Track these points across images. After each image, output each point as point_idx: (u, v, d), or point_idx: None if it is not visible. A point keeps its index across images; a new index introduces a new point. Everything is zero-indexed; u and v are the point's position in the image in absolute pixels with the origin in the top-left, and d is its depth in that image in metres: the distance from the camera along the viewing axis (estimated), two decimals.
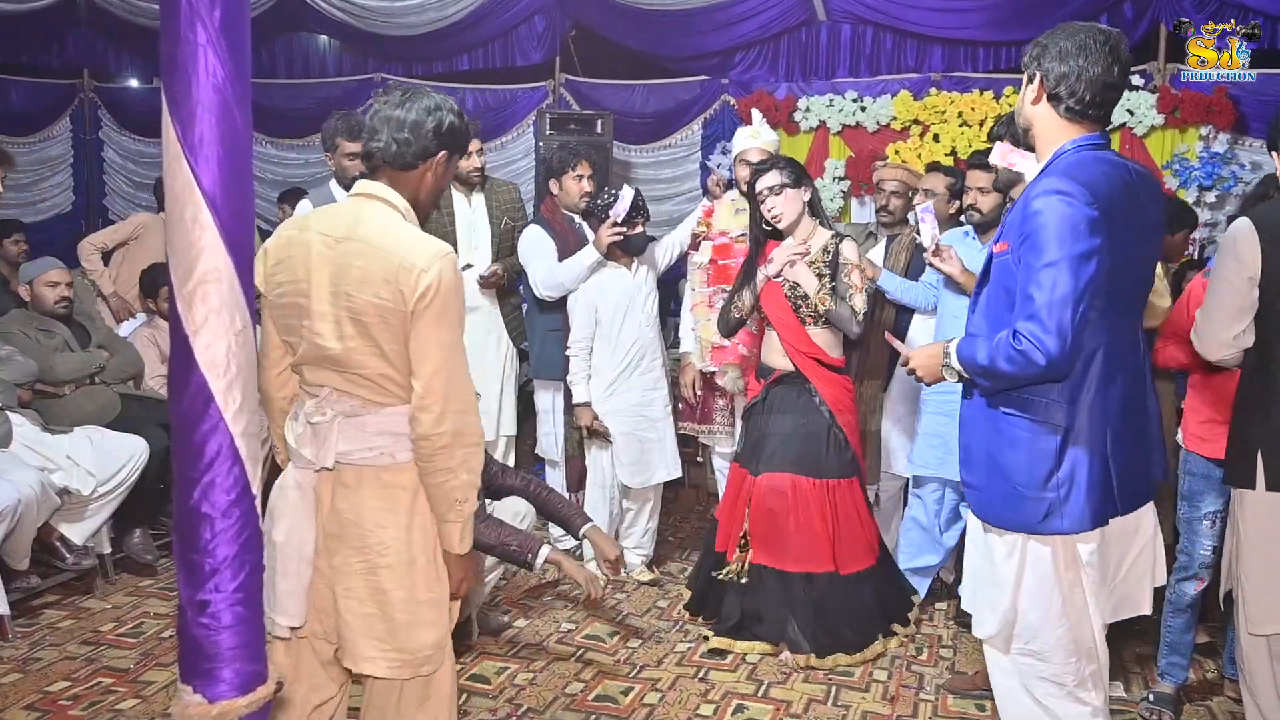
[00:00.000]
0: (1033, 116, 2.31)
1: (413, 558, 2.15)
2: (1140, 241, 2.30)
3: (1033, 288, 2.15)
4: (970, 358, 2.29)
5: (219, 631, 1.54)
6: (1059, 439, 2.24)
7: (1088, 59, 2.20)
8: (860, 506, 3.71)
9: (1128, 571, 2.42)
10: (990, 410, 2.33)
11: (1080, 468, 2.23)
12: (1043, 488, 2.24)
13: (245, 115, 1.51)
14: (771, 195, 3.64)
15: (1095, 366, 2.23)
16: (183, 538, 1.54)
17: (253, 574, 1.57)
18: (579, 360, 4.24)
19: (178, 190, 1.47)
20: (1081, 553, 2.30)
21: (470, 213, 4.54)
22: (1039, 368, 2.15)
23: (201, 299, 1.49)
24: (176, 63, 1.45)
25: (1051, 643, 2.35)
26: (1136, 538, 2.40)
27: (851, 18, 6.55)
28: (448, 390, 2.06)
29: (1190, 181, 5.77)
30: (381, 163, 2.15)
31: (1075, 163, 2.22)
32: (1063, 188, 2.14)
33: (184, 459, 1.53)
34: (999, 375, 2.23)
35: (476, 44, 7.44)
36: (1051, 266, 2.12)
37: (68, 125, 8.38)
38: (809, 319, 3.63)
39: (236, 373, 1.51)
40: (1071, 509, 2.24)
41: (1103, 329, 2.23)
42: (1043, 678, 2.40)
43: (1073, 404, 2.23)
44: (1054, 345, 2.12)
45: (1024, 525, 2.29)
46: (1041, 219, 2.15)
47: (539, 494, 3.67)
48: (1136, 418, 2.34)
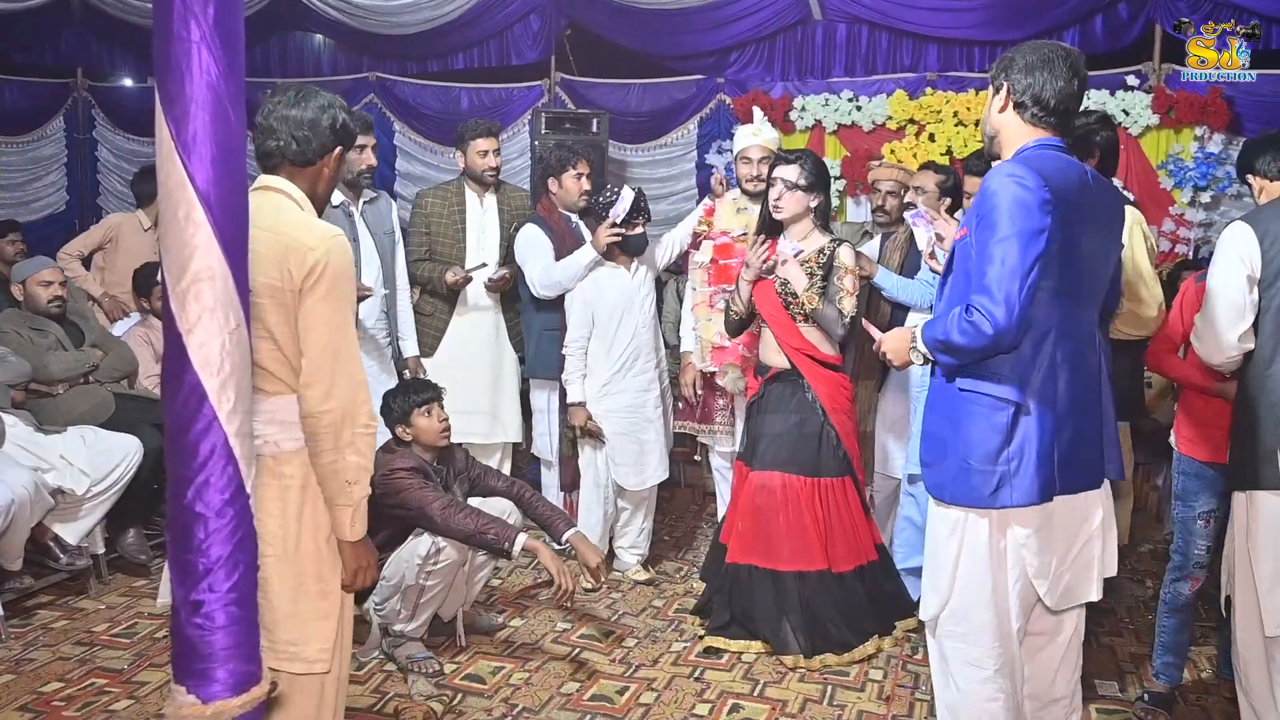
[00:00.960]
0: (999, 123, 2.47)
1: (299, 548, 2.16)
2: (1092, 237, 2.40)
3: (985, 262, 2.28)
4: (931, 336, 2.42)
5: (213, 632, 1.54)
6: (1010, 413, 2.35)
7: (1051, 72, 2.37)
8: (855, 505, 3.70)
9: (1076, 557, 2.49)
10: (949, 387, 2.44)
11: (1030, 443, 2.34)
12: (994, 461, 2.36)
13: (239, 113, 1.50)
14: (783, 186, 3.66)
15: (1047, 347, 2.35)
16: (176, 537, 1.53)
17: (247, 574, 1.56)
18: (575, 360, 4.23)
19: (171, 188, 1.47)
20: (1018, 534, 2.40)
21: (482, 213, 4.53)
22: (988, 337, 2.26)
23: (195, 297, 1.48)
24: (170, 60, 1.45)
25: (979, 626, 2.46)
26: (1085, 525, 2.48)
27: (847, 17, 6.56)
28: (334, 367, 2.09)
29: (1185, 182, 5.79)
30: (282, 160, 2.22)
31: (1034, 156, 2.37)
32: (1017, 172, 2.28)
33: (177, 458, 1.52)
34: (954, 348, 2.34)
35: (472, 43, 7.43)
36: (1003, 242, 2.25)
37: (61, 124, 8.36)
38: (799, 316, 3.64)
39: (230, 371, 1.51)
40: (1020, 482, 2.34)
41: (1054, 312, 2.34)
42: (966, 661, 2.49)
43: (1024, 381, 2.35)
44: (1002, 315, 2.23)
45: (974, 499, 2.39)
46: (995, 199, 2.28)
47: (523, 496, 3.68)
48: (1085, 407, 2.43)
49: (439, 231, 4.45)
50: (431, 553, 3.38)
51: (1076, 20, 6.14)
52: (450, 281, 4.35)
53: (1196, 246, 5.94)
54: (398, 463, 3.44)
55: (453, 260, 4.43)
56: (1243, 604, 2.81)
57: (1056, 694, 2.61)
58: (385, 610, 3.50)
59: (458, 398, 3.74)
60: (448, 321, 4.52)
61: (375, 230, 4.18)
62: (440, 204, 4.49)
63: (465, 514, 3.35)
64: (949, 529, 2.46)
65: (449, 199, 4.51)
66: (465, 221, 4.48)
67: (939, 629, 2.54)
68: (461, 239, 4.47)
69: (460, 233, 4.46)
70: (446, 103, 7.48)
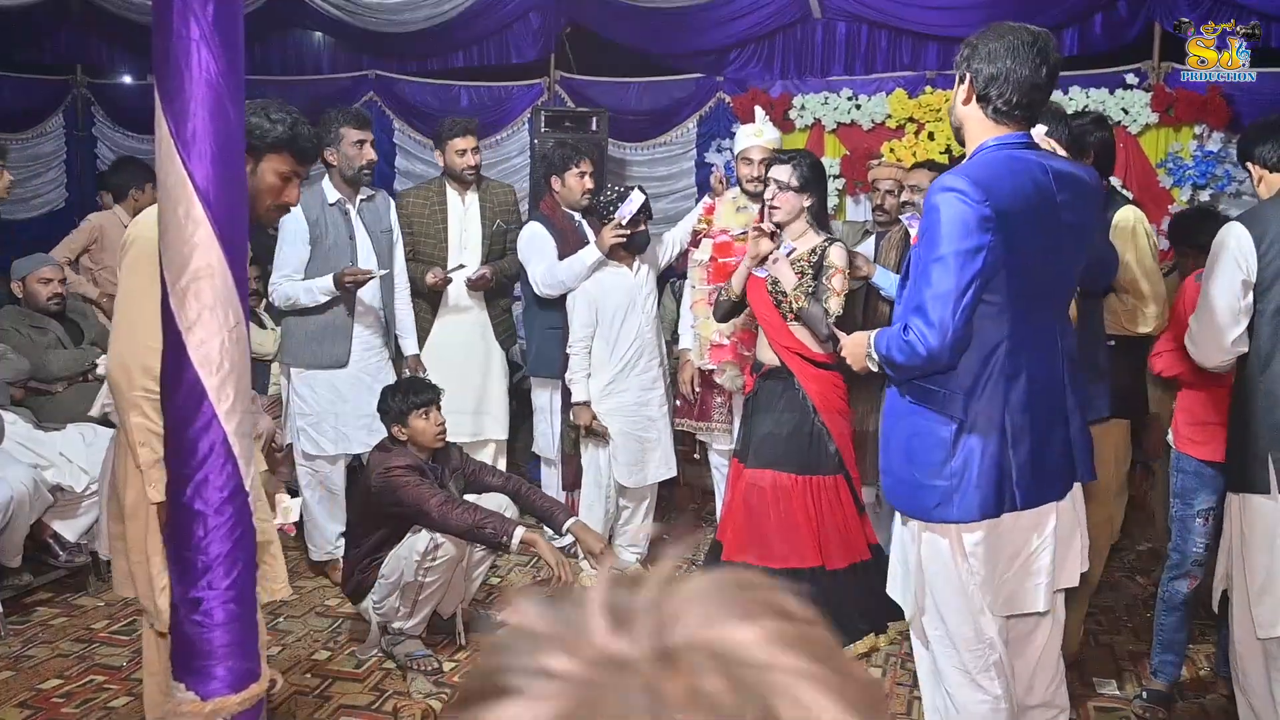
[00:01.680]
0: (963, 116, 2.38)
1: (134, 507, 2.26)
2: (1051, 240, 2.32)
3: (921, 281, 2.25)
4: (878, 347, 2.40)
5: (212, 629, 1.54)
6: (954, 429, 2.30)
7: (1015, 60, 2.25)
8: (847, 504, 3.69)
9: (1021, 567, 2.43)
10: (900, 399, 2.42)
11: (973, 459, 2.29)
12: (937, 476, 2.32)
13: (239, 110, 1.50)
14: (776, 187, 3.66)
15: (996, 362, 2.29)
16: (175, 535, 1.54)
17: (245, 571, 1.56)
18: (579, 359, 4.22)
19: (170, 185, 1.47)
20: (966, 543, 2.36)
21: (463, 211, 4.52)
22: (921, 358, 2.24)
23: (195, 295, 1.48)
24: (169, 58, 1.45)
25: (954, 628, 2.43)
26: (1034, 535, 2.42)
27: (846, 15, 6.55)
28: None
29: (1184, 180, 5.78)
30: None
31: (982, 162, 2.29)
32: (958, 185, 2.20)
33: (176, 456, 1.52)
34: (894, 365, 2.33)
35: (471, 41, 7.42)
36: (939, 262, 2.21)
37: (60, 122, 8.35)
38: (789, 315, 3.63)
39: (230, 369, 1.51)
40: (962, 498, 2.30)
41: (1004, 325, 2.28)
42: (951, 665, 2.46)
43: (969, 396, 2.29)
44: (934, 338, 2.21)
45: (920, 512, 2.38)
46: (936, 215, 2.22)
47: (520, 491, 3.68)
48: (1046, 417, 2.37)
49: (421, 231, 4.44)
50: (430, 548, 3.38)
51: (1076, 19, 6.13)
52: (429, 283, 4.34)
53: None
54: (393, 461, 3.44)
55: (436, 260, 4.41)
56: (1239, 603, 2.80)
57: (1035, 699, 2.59)
58: (384, 608, 3.50)
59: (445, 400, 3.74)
60: (431, 322, 4.52)
61: (373, 228, 4.18)
62: (422, 204, 4.48)
63: (463, 509, 3.35)
64: (910, 535, 2.45)
65: (430, 198, 4.50)
66: (447, 221, 4.47)
67: (921, 631, 2.52)
68: (444, 238, 4.45)
69: (442, 232, 4.44)
70: (446, 101, 7.46)
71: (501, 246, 4.58)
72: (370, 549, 3.53)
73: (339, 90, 7.77)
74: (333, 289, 3.94)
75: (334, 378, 4.11)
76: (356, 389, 4.08)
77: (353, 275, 3.92)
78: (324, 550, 4.25)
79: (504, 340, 4.65)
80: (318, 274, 3.98)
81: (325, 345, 4.08)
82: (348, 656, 3.57)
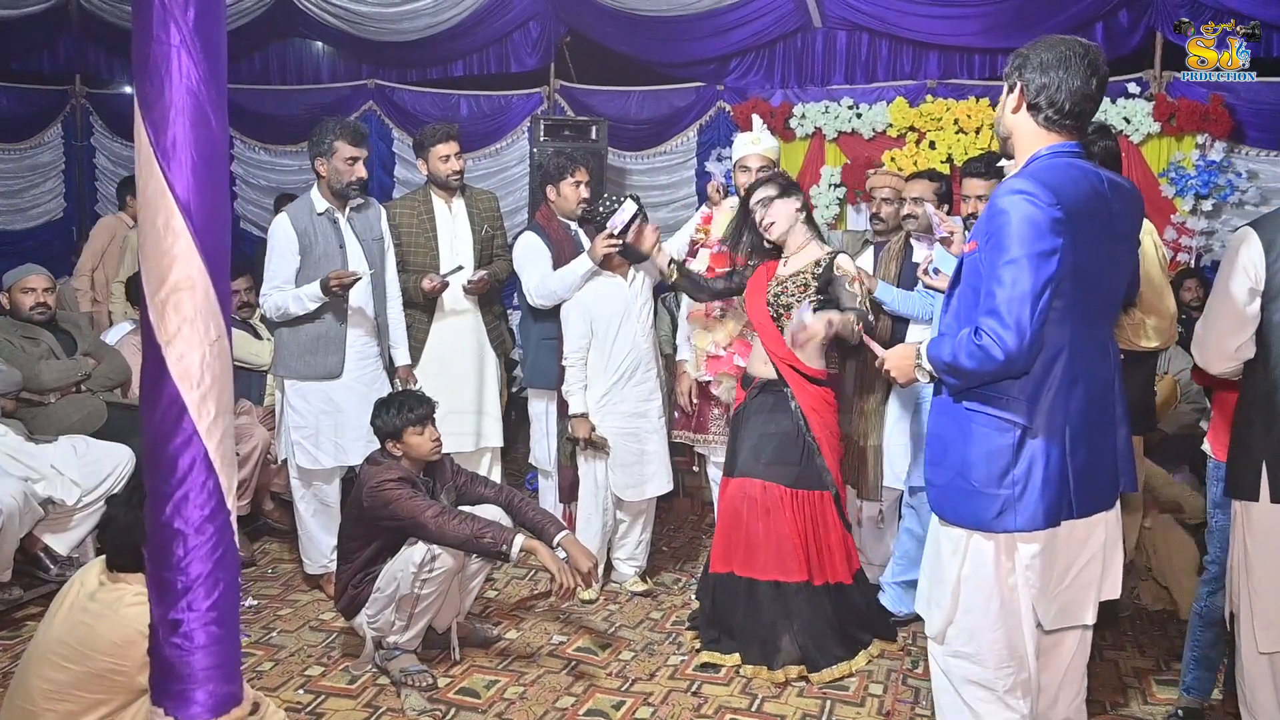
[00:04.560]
0: (1013, 125, 2.39)
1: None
2: (1107, 249, 2.33)
3: (994, 284, 2.22)
4: (937, 355, 2.35)
5: (192, 652, 1.49)
6: (1017, 436, 2.29)
7: (1067, 71, 2.27)
8: (835, 522, 3.62)
9: (1073, 579, 2.43)
10: (954, 406, 2.37)
11: (1037, 466, 2.28)
12: (998, 484, 2.30)
13: (221, 119, 1.46)
14: (762, 208, 3.65)
15: (1058, 368, 2.28)
16: (154, 554, 1.49)
17: (227, 592, 1.52)
18: (575, 371, 4.16)
19: (150, 195, 1.43)
20: (1023, 554, 2.34)
21: (451, 219, 4.47)
22: (998, 362, 2.20)
23: (174, 308, 1.44)
24: (148, 64, 1.41)
25: (986, 645, 2.39)
26: (1087, 546, 2.42)
27: (847, 24, 6.53)
28: None
29: (1186, 190, 5.75)
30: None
31: (1045, 167, 2.29)
32: (1027, 188, 2.20)
33: (156, 473, 1.48)
34: (962, 371, 2.28)
35: (471, 50, 7.42)
36: (1012, 264, 2.18)
37: (59, 131, 8.36)
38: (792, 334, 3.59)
39: (211, 384, 1.47)
40: (1025, 506, 2.28)
41: (1065, 331, 2.28)
42: (973, 681, 2.43)
43: (1033, 402, 2.28)
44: (1012, 340, 2.18)
45: (976, 522, 2.34)
46: (1005, 218, 2.21)
47: (513, 502, 3.63)
48: (1100, 426, 2.37)
49: (410, 242, 4.38)
50: (427, 560, 3.34)
51: (1077, 27, 6.10)
52: (427, 289, 4.29)
53: (1198, 255, 5.90)
54: (384, 474, 3.40)
55: (426, 269, 4.35)
56: (1245, 617, 2.76)
57: (1059, 714, 2.56)
58: (379, 622, 3.45)
59: (442, 409, 3.70)
60: (428, 330, 4.46)
61: (364, 237, 4.13)
62: (408, 214, 4.42)
63: (460, 519, 3.31)
64: (952, 547, 2.41)
65: (416, 208, 4.44)
66: (435, 229, 4.41)
67: (945, 647, 2.48)
68: (434, 247, 4.40)
69: (431, 240, 4.39)
70: (446, 110, 7.46)
71: (490, 252, 4.53)
72: (364, 563, 3.49)
73: (338, 99, 7.77)
74: (320, 294, 3.89)
75: (328, 389, 4.06)
76: (352, 400, 4.02)
77: (339, 278, 3.87)
78: (319, 563, 4.20)
79: (498, 347, 4.60)
80: (308, 283, 3.94)
81: (319, 356, 4.04)
82: (341, 672, 3.52)
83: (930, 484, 2.46)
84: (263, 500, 4.78)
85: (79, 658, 2.33)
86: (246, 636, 3.77)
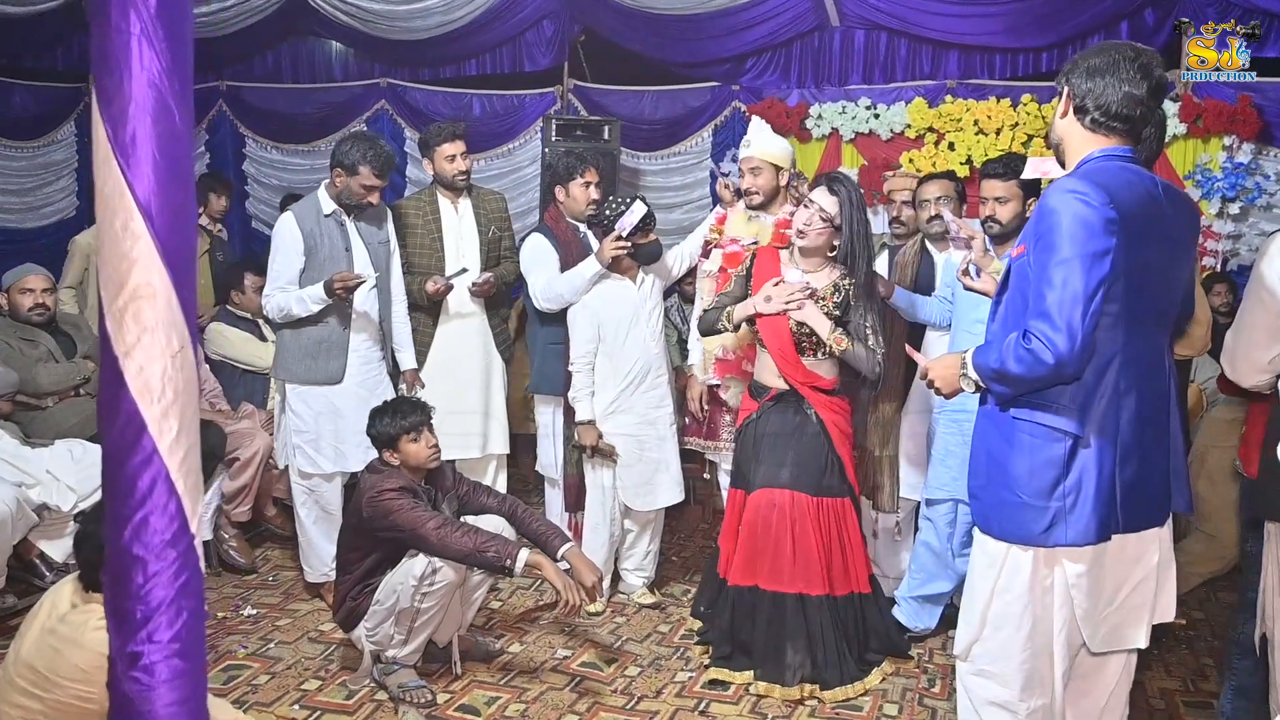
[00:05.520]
0: (1062, 131, 2.32)
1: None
2: (1162, 253, 2.24)
3: (1044, 285, 2.13)
4: (984, 363, 2.26)
5: (154, 687, 1.38)
6: (1069, 445, 2.19)
7: (1115, 75, 2.21)
8: (854, 531, 3.53)
9: (1124, 601, 2.33)
10: (1001, 416, 2.30)
11: (1088, 478, 2.19)
12: (1048, 496, 2.21)
13: (185, 113, 1.36)
14: (819, 218, 3.43)
15: (1110, 376, 2.19)
16: (113, 582, 1.38)
17: (191, 621, 1.41)
18: (582, 376, 4.04)
19: (108, 195, 1.32)
20: (1069, 572, 2.25)
21: (457, 220, 4.37)
22: (1048, 366, 2.11)
23: (134, 317, 1.33)
24: (107, 55, 1.30)
25: (1014, 667, 2.31)
26: (1138, 566, 2.32)
27: (865, 23, 6.40)
28: None
29: (1213, 192, 5.60)
30: None
31: (1096, 169, 2.22)
32: (1079, 188, 2.13)
33: (114, 494, 1.37)
34: (1010, 378, 2.19)
35: (484, 49, 7.31)
36: (1064, 264, 2.11)
37: (72, 129, 8.29)
38: (809, 350, 3.47)
39: (173, 398, 1.36)
40: (1076, 519, 2.19)
41: (1119, 337, 2.19)
42: (995, 703, 2.35)
43: (1084, 411, 2.19)
44: (1063, 343, 2.09)
45: (1024, 536, 2.24)
46: (1056, 218, 2.14)
47: (516, 512, 3.53)
48: (1153, 439, 2.27)
49: (415, 243, 4.29)
50: (428, 573, 3.24)
51: (1101, 26, 5.96)
52: (431, 291, 4.20)
53: (1225, 259, 5.75)
54: (385, 484, 3.30)
55: (432, 271, 4.26)
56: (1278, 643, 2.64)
57: None
58: (378, 635, 3.36)
59: (449, 416, 3.60)
60: (433, 334, 4.36)
61: (370, 240, 4.04)
62: (415, 214, 4.33)
63: (462, 532, 3.21)
64: (988, 561, 2.32)
65: (422, 208, 4.34)
66: (441, 230, 4.32)
67: (970, 664, 2.40)
68: (439, 248, 4.31)
69: (438, 242, 4.30)
70: (458, 109, 7.36)
71: (498, 254, 4.43)
72: (363, 575, 3.39)
73: (351, 98, 7.70)
74: (324, 297, 3.80)
75: (330, 394, 3.97)
76: (354, 405, 3.92)
77: (343, 280, 3.78)
78: (320, 571, 4.11)
79: (504, 351, 4.50)
80: (312, 285, 3.85)
81: (320, 360, 3.95)
82: (338, 687, 3.42)
83: (974, 497, 2.37)
84: (265, 506, 4.70)
85: (47, 685, 2.23)
86: (244, 648, 3.69)
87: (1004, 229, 3.52)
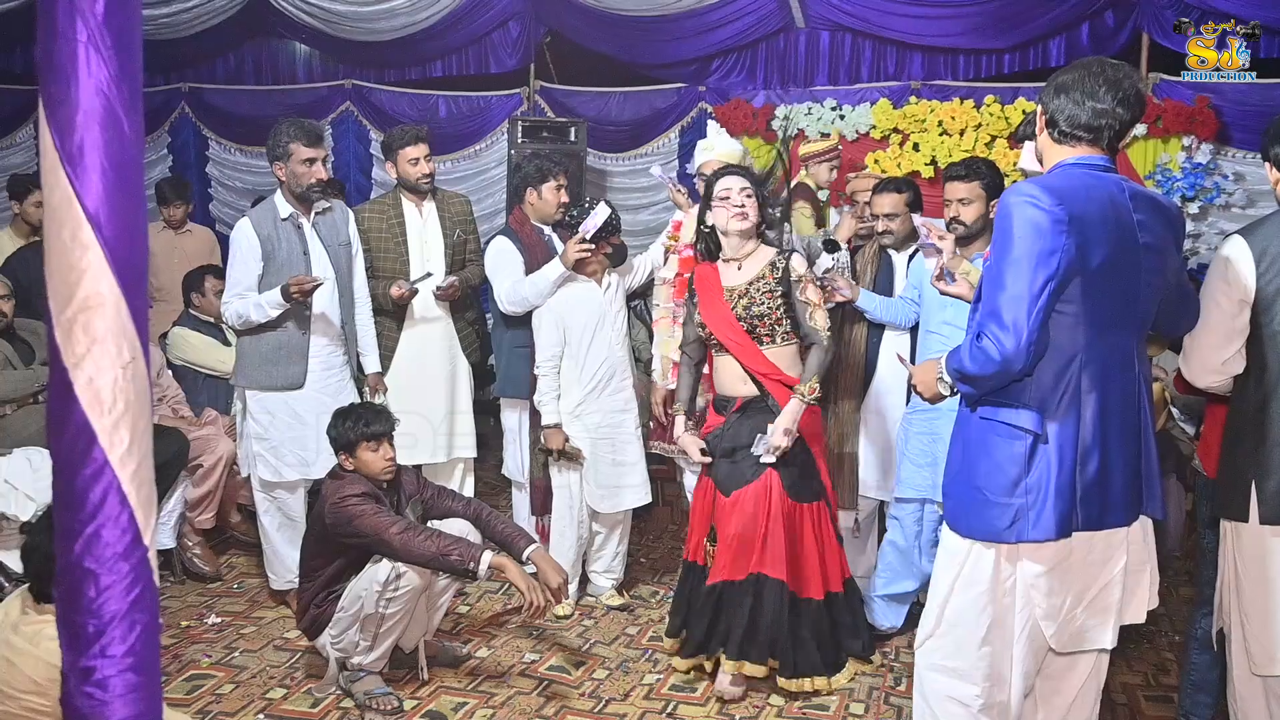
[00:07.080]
0: (1041, 145, 2.42)
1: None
2: (1127, 257, 2.26)
3: (995, 286, 2.21)
4: (950, 365, 2.34)
5: (107, 703, 1.36)
6: (1029, 443, 2.25)
7: (1081, 87, 2.30)
8: (828, 531, 3.50)
9: (1091, 602, 2.37)
10: (969, 416, 2.37)
11: (1049, 474, 2.24)
12: (1010, 494, 2.26)
13: (135, 121, 1.34)
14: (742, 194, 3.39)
15: (1071, 375, 2.25)
16: (65, 595, 1.36)
17: (146, 635, 1.39)
18: (548, 380, 4.02)
19: (55, 204, 1.30)
20: (1029, 571, 2.30)
21: (422, 223, 4.34)
22: (996, 364, 2.19)
23: (83, 328, 1.32)
24: (53, 62, 1.28)
25: (969, 664, 2.37)
26: (1105, 569, 2.36)
27: (830, 25, 6.44)
28: None
29: (1173, 192, 5.68)
30: None
31: (1058, 174, 2.29)
32: (1031, 192, 2.21)
33: (65, 507, 1.36)
34: (969, 377, 2.27)
35: (449, 50, 7.30)
36: (1013, 264, 2.18)
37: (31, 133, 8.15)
38: (765, 338, 3.44)
39: (124, 410, 1.35)
40: (1036, 517, 2.25)
41: (1079, 338, 2.24)
42: (951, 697, 2.41)
43: (1043, 410, 2.25)
44: (1009, 342, 2.16)
45: (989, 533, 2.30)
46: (1008, 221, 2.22)
47: (481, 515, 3.52)
48: (1118, 440, 2.30)
49: (379, 247, 4.26)
50: (391, 578, 3.22)
51: (1063, 28, 6.04)
52: (395, 296, 4.17)
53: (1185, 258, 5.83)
54: (347, 489, 3.28)
55: (396, 275, 4.23)
56: (1236, 639, 2.67)
57: None
58: (342, 643, 3.33)
59: (415, 420, 3.58)
60: (398, 338, 4.33)
61: (330, 242, 4.00)
62: (378, 219, 4.30)
63: (425, 536, 3.20)
64: (950, 558, 2.38)
65: (386, 212, 4.31)
66: (406, 233, 4.29)
67: (927, 658, 2.45)
68: (404, 252, 4.27)
69: (401, 246, 4.27)
70: (424, 111, 7.34)
71: (463, 257, 4.41)
72: (326, 581, 3.37)
73: (315, 99, 7.65)
74: (281, 301, 3.77)
75: (291, 400, 3.92)
76: (316, 411, 3.87)
77: (299, 284, 3.74)
78: (285, 579, 4.07)
79: (470, 353, 4.48)
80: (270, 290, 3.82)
81: (280, 366, 3.90)
82: (304, 695, 3.39)
83: (947, 496, 2.44)
84: (229, 513, 4.65)
85: (2, 697, 2.20)
86: (208, 658, 3.65)
87: (968, 230, 3.55)
